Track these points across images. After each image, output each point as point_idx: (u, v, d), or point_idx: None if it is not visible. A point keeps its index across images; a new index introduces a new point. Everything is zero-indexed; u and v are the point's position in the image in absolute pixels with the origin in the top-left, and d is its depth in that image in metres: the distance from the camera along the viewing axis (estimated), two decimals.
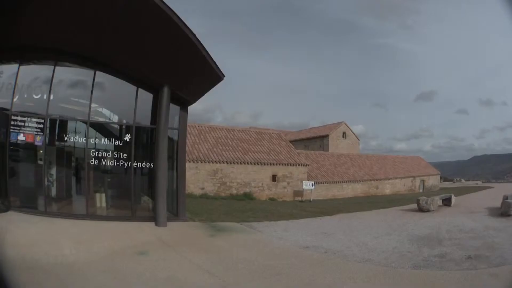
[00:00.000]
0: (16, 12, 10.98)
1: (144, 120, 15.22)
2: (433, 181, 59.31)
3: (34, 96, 13.42)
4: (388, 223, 17.30)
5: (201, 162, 30.39)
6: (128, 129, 14.83)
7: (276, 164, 34.45)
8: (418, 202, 22.23)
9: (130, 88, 14.60)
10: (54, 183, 14.45)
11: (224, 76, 14.50)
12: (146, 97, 14.96)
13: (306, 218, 18.99)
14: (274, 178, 34.28)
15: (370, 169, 48.48)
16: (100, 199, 14.87)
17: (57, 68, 13.74)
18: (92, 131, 14.44)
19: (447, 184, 76.43)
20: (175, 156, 15.68)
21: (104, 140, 14.59)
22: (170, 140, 15.28)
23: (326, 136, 58.89)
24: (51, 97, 13.51)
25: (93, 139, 14.31)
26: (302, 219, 18.58)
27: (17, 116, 13.07)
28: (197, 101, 16.75)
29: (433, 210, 21.75)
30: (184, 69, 14.20)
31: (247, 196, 30.84)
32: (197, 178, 29.87)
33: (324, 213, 21.16)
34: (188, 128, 18.61)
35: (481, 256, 10.33)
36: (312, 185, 34.20)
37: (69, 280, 7.65)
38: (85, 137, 14.12)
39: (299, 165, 36.03)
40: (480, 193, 43.50)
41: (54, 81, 13.59)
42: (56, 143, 14.34)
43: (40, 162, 13.72)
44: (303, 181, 34.63)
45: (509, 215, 18.28)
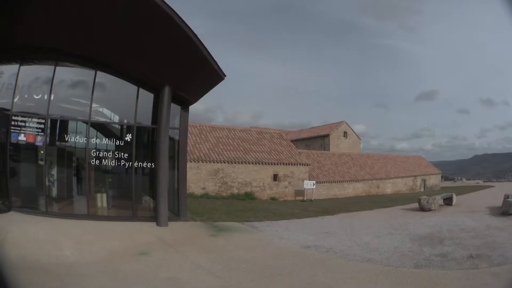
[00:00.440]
0: (16, 12, 10.92)
1: (145, 120, 15.13)
2: (434, 181, 59.02)
3: (35, 96, 13.34)
4: (390, 223, 17.20)
5: (202, 162, 30.27)
6: (129, 129, 14.75)
7: (277, 164, 34.33)
8: (420, 202, 22.15)
9: (131, 88, 14.53)
10: (55, 183, 14.35)
11: (225, 76, 14.41)
12: (147, 97, 14.87)
13: (308, 218, 18.90)
14: (275, 178, 34.17)
15: (371, 169, 48.23)
16: (101, 199, 14.78)
17: (58, 68, 13.63)
18: (93, 131, 14.36)
19: (448, 183, 76.09)
20: (176, 156, 15.59)
21: (105, 140, 14.56)
22: (171, 140, 15.17)
23: (327, 136, 58.73)
24: (52, 97, 13.43)
25: (94, 139, 14.25)
26: (304, 219, 18.52)
27: (18, 117, 12.99)
28: (198, 101, 16.68)
29: (435, 210, 21.67)
30: (185, 69, 14.08)
31: (248, 196, 30.75)
32: (198, 178, 29.77)
33: (326, 213, 21.08)
34: (189, 128, 18.55)
35: (483, 255, 10.26)
36: (313, 185, 33.99)
37: (70, 281, 7.60)
38: (86, 137, 14.05)
39: (300, 165, 35.91)
40: (481, 192, 43.35)
41: (55, 81, 13.50)
42: (57, 143, 14.23)
43: (41, 163, 13.60)
44: (305, 181, 34.49)
45: (510, 214, 18.15)
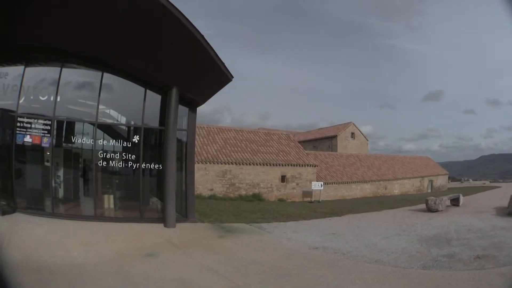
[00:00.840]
0: (20, 13, 10.86)
1: (153, 122, 15.08)
2: (441, 181, 58.79)
3: (41, 98, 13.30)
4: (397, 224, 17.17)
5: (210, 163, 30.13)
6: (136, 131, 14.72)
7: (285, 165, 34.09)
8: (427, 202, 22.07)
9: (138, 90, 14.45)
10: (62, 185, 14.33)
11: (233, 77, 14.33)
12: (154, 99, 14.79)
13: (316, 219, 18.78)
14: (283, 179, 33.96)
15: (379, 170, 48.05)
16: (108, 201, 14.71)
17: (64, 70, 13.58)
18: (100, 133, 14.28)
19: (455, 184, 75.58)
20: (184, 157, 15.51)
21: (112, 142, 14.50)
22: (179, 141, 15.01)
23: (335, 137, 58.44)
24: (58, 99, 13.37)
25: (101, 141, 14.19)
26: (312, 220, 18.41)
27: (23, 118, 12.94)
28: (205, 102, 16.54)
29: (442, 210, 21.60)
30: (193, 71, 13.98)
31: (256, 197, 30.62)
32: (206, 179, 29.61)
33: (333, 214, 21.00)
34: (197, 129, 18.49)
35: (489, 256, 10.27)
36: (321, 186, 33.85)
37: (77, 282, 7.52)
38: (93, 139, 14.01)
39: (308, 166, 35.67)
40: (487, 193, 43.25)
41: (61, 83, 13.44)
42: (64, 145, 14.19)
43: (47, 164, 13.54)
44: (312, 182, 34.30)
45: None
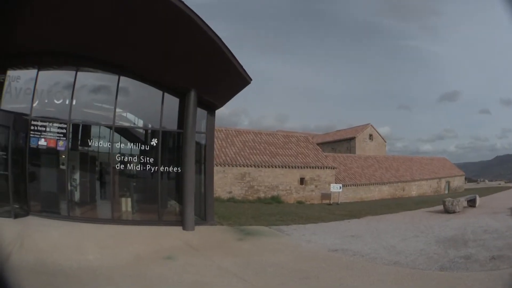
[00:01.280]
0: (33, 18, 10.83)
1: (170, 124, 14.88)
2: (458, 182, 58.00)
3: (56, 102, 13.21)
4: (415, 225, 17.03)
5: (229, 166, 29.92)
6: (154, 134, 14.54)
7: (304, 167, 33.69)
8: (444, 204, 21.93)
9: (155, 93, 14.33)
10: (78, 188, 14.17)
11: (252, 80, 14.14)
12: (172, 101, 14.67)
13: (334, 221, 18.65)
14: (302, 181, 33.51)
15: (397, 171, 47.44)
16: (126, 204, 14.62)
17: (79, 73, 13.50)
18: (117, 136, 14.19)
19: (472, 185, 74.73)
20: (203, 160, 15.35)
21: (130, 145, 14.32)
22: (197, 144, 14.87)
23: (353, 139, 57.94)
24: (74, 102, 13.29)
25: (118, 144, 14.12)
26: (330, 222, 18.25)
27: (37, 121, 12.84)
28: (223, 105, 16.48)
29: (459, 211, 21.47)
30: (211, 74, 13.80)
31: (275, 200, 30.30)
32: (225, 182, 29.35)
33: (352, 216, 20.83)
34: (215, 132, 18.39)
35: (504, 256, 10.16)
36: (340, 188, 33.31)
37: (92, 285, 7.43)
38: (110, 142, 13.92)
39: (327, 168, 35.16)
40: (503, 193, 43.28)
41: (76, 86, 13.39)
42: (80, 148, 14.07)
43: (63, 167, 13.41)
44: (331, 184, 33.83)
45: None
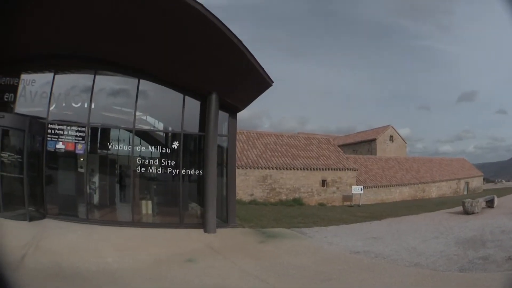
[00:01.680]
0: (50, 21, 10.83)
1: (191, 127, 14.80)
2: (477, 183, 57.30)
3: (74, 105, 13.17)
4: (436, 226, 16.86)
5: (250, 169, 29.60)
6: (175, 137, 14.47)
7: (325, 169, 33.32)
8: (464, 205, 21.72)
9: (176, 96, 14.19)
10: (97, 191, 14.15)
11: (273, 82, 13.97)
12: (193, 104, 14.55)
13: (356, 223, 18.47)
14: (324, 183, 33.14)
15: (417, 172, 46.99)
16: (146, 206, 14.48)
17: (98, 77, 13.45)
18: (137, 139, 14.06)
19: (490, 186, 73.79)
20: (225, 163, 15.26)
21: (150, 148, 14.28)
22: (219, 147, 14.68)
23: (374, 140, 57.65)
24: (93, 106, 13.25)
25: (139, 147, 14.03)
26: (352, 224, 18.07)
27: (54, 125, 12.81)
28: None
29: (477, 212, 21.28)
30: (232, 77, 13.67)
31: (297, 202, 29.97)
32: (246, 185, 29.06)
33: (373, 218, 20.68)
34: (237, 135, 18.28)
35: None
36: (361, 190, 33.06)
37: None
38: (130, 145, 13.86)
39: (348, 170, 34.75)
40: None
41: (95, 90, 13.33)
42: (99, 151, 14.05)
43: (81, 170, 13.30)
44: (352, 186, 33.57)
45: None
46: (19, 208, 11.66)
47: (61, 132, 12.84)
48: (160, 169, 14.17)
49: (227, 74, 13.53)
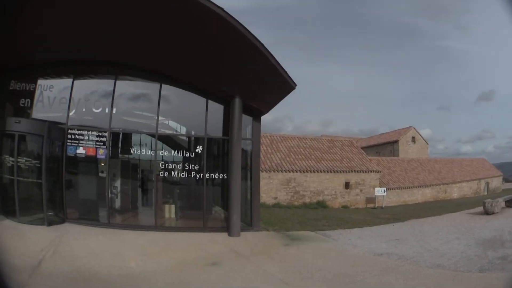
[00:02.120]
0: (72, 28, 10.71)
1: (214, 131, 14.56)
2: (496, 183, 56.43)
3: (94, 110, 12.98)
4: (457, 227, 16.77)
5: (274, 172, 29.24)
6: (199, 141, 14.28)
7: (349, 172, 32.83)
8: (484, 205, 21.65)
9: (199, 100, 14.05)
10: (119, 195, 14.07)
11: (296, 85, 13.65)
12: (216, 108, 14.40)
13: (379, 225, 18.35)
14: (347, 186, 32.66)
15: (439, 173, 46.28)
16: (169, 210, 14.35)
17: (118, 82, 13.38)
18: (159, 143, 13.93)
19: (509, 185, 72.56)
20: (249, 167, 15.04)
21: (173, 152, 14.08)
22: (243, 151, 14.52)
23: (396, 142, 57.04)
24: (114, 111, 13.12)
25: (162, 151, 13.90)
26: (375, 226, 17.94)
27: (74, 130, 12.66)
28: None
29: (497, 212, 21.23)
30: (255, 80, 13.47)
31: (320, 205, 29.60)
32: (270, 188, 28.72)
33: (396, 219, 20.52)
34: (260, 138, 18.14)
35: None
36: (384, 192, 32.71)
37: None
38: (152, 149, 13.70)
39: (371, 172, 34.28)
40: None
41: (116, 94, 13.21)
42: (120, 156, 14.00)
43: (102, 175, 13.10)
44: (376, 188, 33.15)
45: None
46: (37, 213, 11.47)
47: (82, 137, 12.70)
48: (184, 173, 13.91)
49: (250, 78, 13.34)
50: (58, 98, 12.71)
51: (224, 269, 8.95)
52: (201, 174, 13.91)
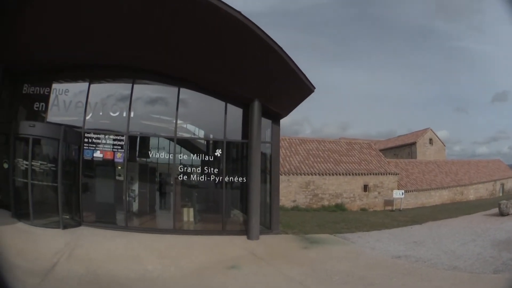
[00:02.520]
0: (90, 33, 10.69)
1: (233, 135, 14.46)
2: (511, 184, 55.52)
3: (111, 114, 12.87)
4: (473, 229, 16.71)
5: (293, 175, 28.91)
6: (217, 144, 14.15)
7: (367, 174, 32.45)
8: (499, 206, 21.59)
9: (217, 104, 13.92)
10: (136, 198, 13.90)
11: (315, 88, 13.54)
12: (235, 112, 14.27)
13: (397, 228, 18.22)
14: (366, 188, 32.27)
15: (456, 175, 45.64)
16: (188, 214, 14.11)
17: (136, 86, 13.24)
18: (178, 147, 13.73)
19: None
20: (268, 170, 14.84)
21: (192, 156, 14.03)
22: (262, 154, 14.38)
23: (414, 144, 56.48)
24: (131, 114, 13.01)
25: (180, 155, 13.75)
26: (394, 229, 17.80)
27: (91, 134, 12.52)
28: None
29: None
30: (274, 84, 13.32)
31: (339, 207, 29.19)
32: (289, 191, 28.35)
33: (414, 222, 20.36)
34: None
35: None
36: (402, 194, 32.18)
37: None
38: (170, 153, 13.61)
39: (390, 174, 33.78)
40: None
41: (133, 98, 13.11)
42: (138, 159, 13.86)
43: (119, 178, 12.94)
44: (394, 190, 32.64)
45: None
46: (52, 216, 11.33)
47: (99, 141, 12.55)
48: (203, 177, 13.77)
49: (269, 81, 13.14)
50: (74, 102, 12.59)
51: (243, 272, 8.82)
52: (220, 178, 13.76)
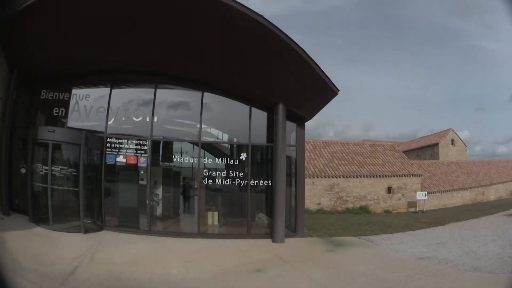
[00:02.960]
0: (115, 39, 10.70)
1: (258, 138, 14.24)
2: None
3: (134, 119, 12.70)
4: (494, 230, 16.84)
5: (317, 178, 28.54)
6: (242, 148, 13.90)
7: (391, 176, 31.91)
8: None
9: (242, 108, 13.71)
10: (160, 203, 13.83)
11: (339, 91, 13.39)
12: (259, 115, 14.13)
13: (421, 229, 18.04)
14: (389, 190, 31.74)
15: (477, 176, 44.73)
16: (212, 217, 13.86)
17: (159, 91, 13.14)
18: (202, 151, 13.55)
19: None
20: (294, 173, 14.56)
21: (216, 160, 13.89)
22: (287, 157, 14.15)
23: (436, 145, 55.95)
24: (155, 119, 12.87)
25: (205, 159, 13.56)
26: (417, 230, 17.63)
27: (113, 138, 12.36)
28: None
29: None
30: (298, 87, 13.18)
31: (363, 210, 28.80)
32: (313, 194, 27.96)
33: (437, 223, 20.09)
34: None
35: None
36: (425, 195, 31.66)
37: None
38: (194, 157, 13.42)
39: (413, 176, 33.24)
40: None
41: (156, 103, 12.98)
42: (161, 164, 13.82)
43: (142, 182, 12.79)
44: (417, 192, 32.15)
45: None
46: (73, 220, 11.26)
47: (121, 146, 12.39)
48: (228, 180, 13.59)
49: (293, 85, 13.01)
50: (95, 107, 12.40)
51: (269, 275, 8.72)
52: (245, 181, 13.58)
